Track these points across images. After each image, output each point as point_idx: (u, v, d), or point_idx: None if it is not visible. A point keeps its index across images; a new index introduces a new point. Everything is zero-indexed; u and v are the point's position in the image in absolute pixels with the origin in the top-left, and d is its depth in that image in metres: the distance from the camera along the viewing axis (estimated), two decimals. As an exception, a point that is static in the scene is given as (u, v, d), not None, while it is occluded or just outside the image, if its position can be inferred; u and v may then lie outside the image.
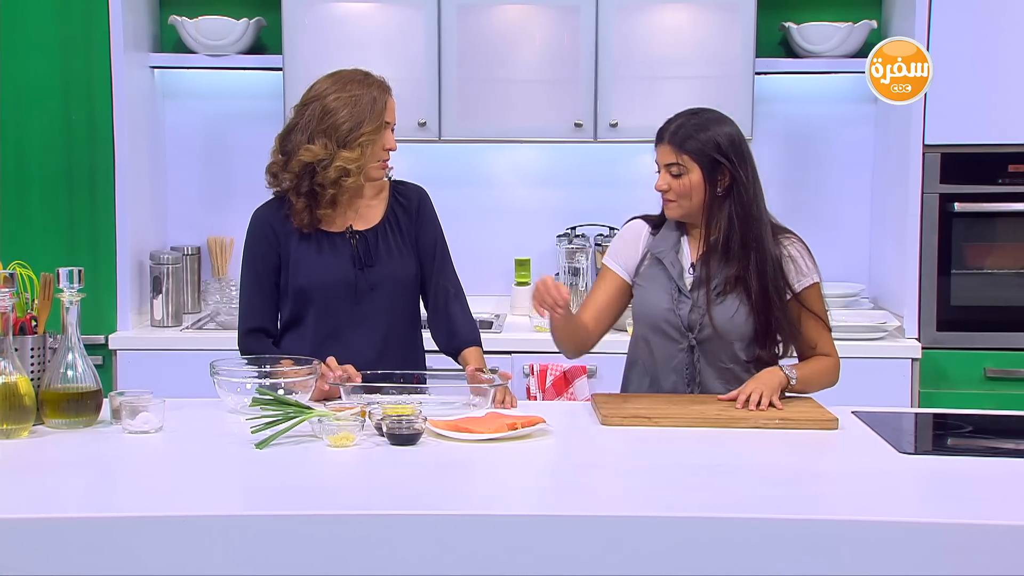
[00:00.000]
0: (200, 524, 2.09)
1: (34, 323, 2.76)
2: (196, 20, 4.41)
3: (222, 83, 4.65)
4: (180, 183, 4.69)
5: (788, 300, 2.96)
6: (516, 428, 2.60)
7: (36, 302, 2.78)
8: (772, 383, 2.86)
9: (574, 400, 4.02)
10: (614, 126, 4.30)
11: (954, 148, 4.16)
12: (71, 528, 2.07)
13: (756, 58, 4.30)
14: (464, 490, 2.35)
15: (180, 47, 4.52)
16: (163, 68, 4.54)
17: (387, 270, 3.08)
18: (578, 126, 4.32)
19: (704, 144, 2.93)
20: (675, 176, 2.95)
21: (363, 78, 3.05)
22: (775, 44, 4.57)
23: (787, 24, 4.45)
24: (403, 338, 3.13)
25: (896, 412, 3.06)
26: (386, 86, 3.08)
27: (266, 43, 4.56)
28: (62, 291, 2.65)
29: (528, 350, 4.10)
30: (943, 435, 2.92)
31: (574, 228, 4.60)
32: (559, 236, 4.62)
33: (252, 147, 4.33)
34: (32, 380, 2.65)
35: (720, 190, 2.95)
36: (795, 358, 3.03)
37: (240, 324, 3.13)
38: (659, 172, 2.99)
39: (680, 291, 2.98)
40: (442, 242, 3.19)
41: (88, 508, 2.21)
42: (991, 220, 4.23)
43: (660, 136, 2.99)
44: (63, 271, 2.65)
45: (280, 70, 4.33)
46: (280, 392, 2.73)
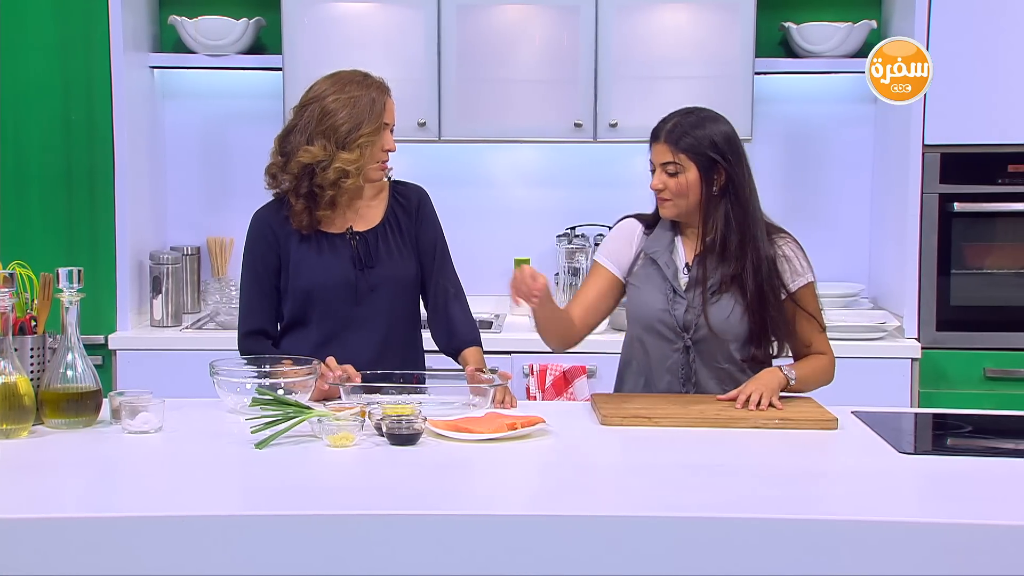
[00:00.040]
0: (200, 524, 2.09)
1: (34, 323, 2.76)
2: (196, 20, 4.40)
3: (222, 83, 4.64)
4: (180, 183, 4.69)
5: (783, 300, 2.96)
6: (516, 428, 2.60)
7: (36, 302, 2.78)
8: (772, 384, 2.86)
9: (574, 400, 4.02)
10: (614, 126, 4.30)
11: (954, 148, 4.16)
12: (71, 528, 2.07)
13: (756, 58, 4.30)
14: (464, 490, 2.35)
15: (180, 47, 4.52)
16: (163, 68, 4.54)
17: (387, 271, 3.08)
18: (578, 126, 4.32)
19: (700, 142, 2.92)
20: (671, 175, 2.94)
21: (362, 79, 3.05)
22: (775, 44, 4.57)
23: (787, 24, 4.45)
24: (403, 338, 3.13)
25: (896, 412, 3.06)
26: (385, 87, 3.08)
27: (266, 43, 4.56)
28: (62, 291, 2.65)
29: (528, 350, 4.10)
30: (943, 435, 2.92)
31: (574, 228, 4.59)
32: (559, 236, 4.62)
33: (252, 147, 4.33)
34: (32, 380, 2.65)
35: (716, 189, 2.94)
36: (789, 357, 3.03)
37: (240, 326, 3.12)
38: (654, 171, 2.98)
39: (675, 291, 2.97)
40: (442, 242, 3.19)
41: (88, 508, 2.21)
42: (991, 220, 4.23)
43: (655, 135, 2.97)
44: (63, 271, 2.65)
45: (280, 70, 4.33)
46: (280, 392, 2.73)
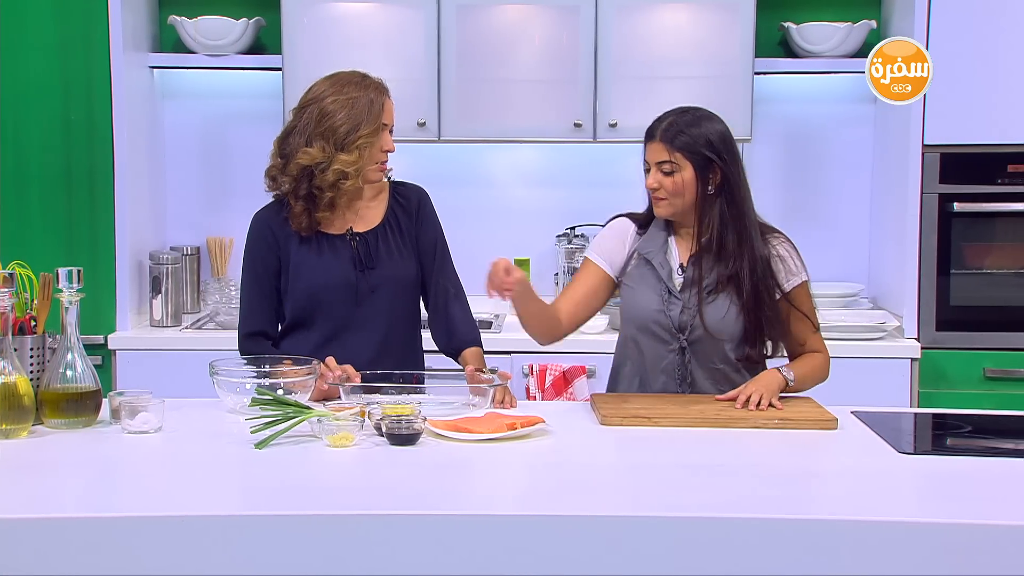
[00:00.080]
0: (199, 524, 2.09)
1: (33, 323, 2.76)
2: (195, 20, 4.40)
3: (221, 83, 4.64)
4: (179, 183, 4.69)
5: (778, 300, 2.96)
6: (515, 428, 2.60)
7: (35, 302, 2.78)
8: (772, 385, 2.86)
9: (573, 400, 4.02)
10: (613, 126, 4.30)
11: (953, 148, 4.16)
12: (70, 528, 2.07)
13: (755, 58, 4.30)
14: (463, 490, 2.35)
15: (179, 47, 4.52)
16: (162, 68, 4.54)
17: (388, 271, 3.08)
18: (577, 126, 4.32)
19: (696, 141, 2.91)
20: (666, 174, 2.93)
21: (360, 80, 3.04)
22: (774, 44, 4.57)
23: (786, 24, 4.45)
24: (403, 339, 3.12)
25: (895, 412, 3.06)
26: (384, 88, 3.07)
27: (265, 43, 4.56)
28: (61, 291, 2.65)
29: (527, 350, 4.08)
30: (942, 435, 2.92)
31: (573, 228, 4.59)
32: (558, 236, 4.62)
33: (251, 147, 4.34)
34: (31, 380, 2.65)
35: (712, 188, 2.92)
36: (783, 357, 3.03)
37: (240, 328, 3.12)
38: (648, 171, 2.97)
39: (670, 292, 2.97)
40: (442, 242, 3.19)
41: (87, 508, 2.21)
42: (990, 220, 4.23)
43: (650, 134, 2.96)
44: (62, 271, 2.65)
45: (279, 70, 4.33)
46: (279, 392, 2.73)
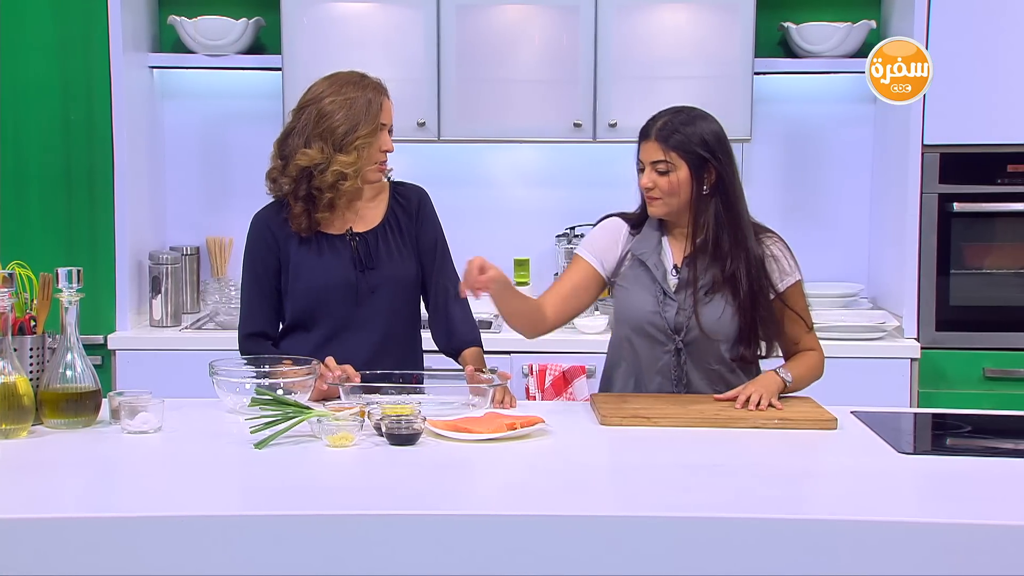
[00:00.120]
0: (199, 524, 2.09)
1: (33, 323, 2.76)
2: (195, 20, 4.40)
3: (221, 83, 4.64)
4: (179, 183, 4.69)
5: (772, 300, 2.95)
6: (515, 428, 2.60)
7: (35, 302, 2.78)
8: (771, 386, 2.86)
9: (573, 400, 4.02)
10: (613, 126, 4.30)
11: (953, 148, 4.16)
12: (70, 528, 2.07)
13: (755, 58, 4.30)
14: (463, 490, 2.35)
15: (179, 47, 4.52)
16: (162, 68, 4.54)
17: (388, 272, 3.08)
18: (577, 126, 4.32)
19: (691, 140, 2.90)
20: (661, 174, 2.92)
21: (359, 80, 3.04)
22: (774, 44, 4.57)
23: (786, 24, 4.45)
24: (402, 339, 3.12)
25: (895, 412, 3.06)
26: (382, 88, 3.07)
27: (265, 43, 4.56)
28: (61, 291, 2.65)
29: (527, 350, 4.10)
30: (942, 435, 2.92)
31: (573, 228, 4.59)
32: (558, 236, 4.62)
33: (251, 147, 4.34)
34: (31, 380, 2.65)
35: (706, 188, 2.92)
36: (777, 357, 3.03)
37: (240, 328, 3.12)
38: (642, 170, 2.96)
39: (665, 293, 2.96)
40: (442, 242, 3.19)
41: (87, 508, 2.21)
42: (990, 220, 4.23)
43: (645, 133, 2.95)
44: (62, 271, 2.65)
45: (279, 70, 4.33)
46: (279, 392, 2.73)
